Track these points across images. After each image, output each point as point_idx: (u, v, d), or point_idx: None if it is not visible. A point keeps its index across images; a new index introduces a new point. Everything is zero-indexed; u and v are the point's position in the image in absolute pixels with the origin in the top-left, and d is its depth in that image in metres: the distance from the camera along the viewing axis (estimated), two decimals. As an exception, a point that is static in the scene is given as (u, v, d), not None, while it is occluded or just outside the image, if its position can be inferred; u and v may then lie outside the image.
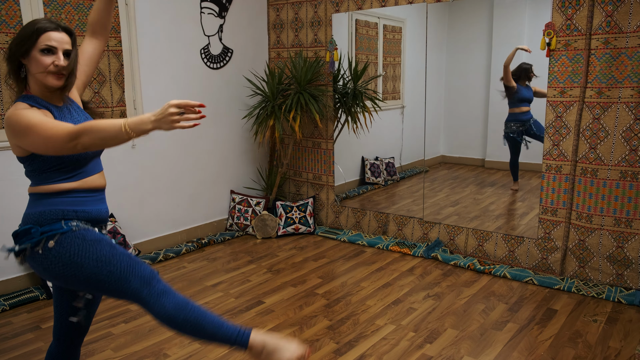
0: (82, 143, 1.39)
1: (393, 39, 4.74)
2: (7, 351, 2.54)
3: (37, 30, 1.51)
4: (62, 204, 1.56)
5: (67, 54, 1.56)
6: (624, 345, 2.51)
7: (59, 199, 1.56)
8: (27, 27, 1.53)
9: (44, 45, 1.51)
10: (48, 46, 1.51)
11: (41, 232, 1.52)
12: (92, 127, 1.38)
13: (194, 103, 1.37)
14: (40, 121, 1.43)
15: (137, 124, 1.36)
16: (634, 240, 3.05)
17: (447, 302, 3.03)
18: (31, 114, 1.45)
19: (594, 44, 3.04)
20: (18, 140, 1.48)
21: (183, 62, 3.99)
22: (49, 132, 1.40)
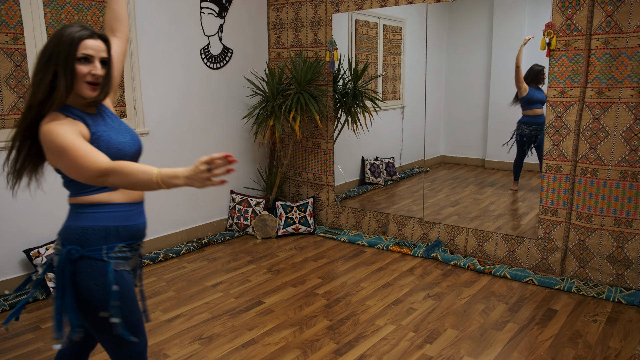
0: (109, 182, 1.37)
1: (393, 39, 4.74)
2: (7, 351, 2.54)
3: (75, 39, 1.44)
4: (104, 219, 1.51)
5: (103, 62, 1.50)
6: (624, 346, 2.51)
7: (101, 213, 1.51)
8: (61, 34, 1.45)
9: (81, 54, 1.44)
10: (85, 55, 1.45)
11: (81, 255, 1.47)
12: (124, 170, 1.34)
13: (217, 156, 1.30)
14: (74, 146, 1.38)
15: (170, 177, 1.33)
16: (634, 241, 3.05)
17: (447, 302, 3.03)
18: (65, 131, 1.39)
19: (594, 44, 3.04)
20: (51, 156, 1.45)
21: (183, 62, 3.99)
22: (81, 162, 1.37)
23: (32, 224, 3.24)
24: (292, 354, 2.49)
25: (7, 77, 3.07)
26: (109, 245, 1.50)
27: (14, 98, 3.10)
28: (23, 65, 3.12)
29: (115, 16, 1.75)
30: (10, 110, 3.10)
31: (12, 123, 3.11)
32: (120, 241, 1.53)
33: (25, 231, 3.20)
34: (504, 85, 4.18)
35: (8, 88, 3.08)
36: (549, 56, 3.20)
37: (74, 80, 1.45)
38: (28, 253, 3.13)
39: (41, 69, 1.43)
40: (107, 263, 1.49)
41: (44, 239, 3.28)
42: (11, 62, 3.07)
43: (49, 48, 1.44)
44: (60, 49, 1.43)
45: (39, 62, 1.44)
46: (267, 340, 2.62)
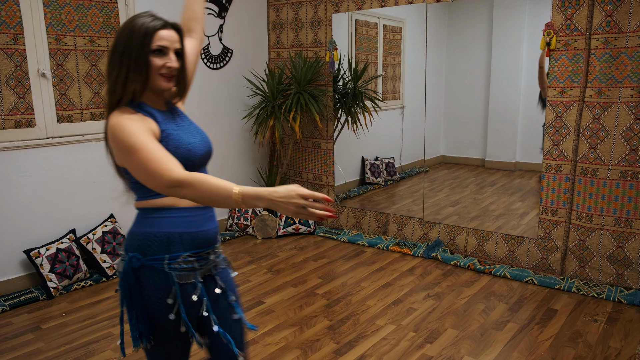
0: (181, 194, 1.25)
1: (393, 39, 4.74)
2: (7, 351, 2.54)
3: (149, 29, 1.34)
4: (167, 226, 1.37)
5: (177, 53, 1.40)
6: (624, 345, 2.51)
7: (166, 218, 1.38)
8: (133, 25, 1.35)
9: (155, 46, 1.34)
10: (160, 46, 1.35)
11: (142, 265, 1.36)
12: (201, 184, 1.22)
13: (320, 196, 1.20)
14: (146, 147, 1.26)
15: (252, 197, 1.20)
16: (634, 240, 3.05)
17: (447, 302, 3.03)
18: (135, 128, 1.28)
19: (594, 43, 3.04)
20: (118, 154, 1.33)
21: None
22: (152, 167, 1.25)
23: (32, 224, 3.24)
24: (292, 354, 2.49)
25: (7, 77, 3.07)
26: (172, 255, 1.36)
27: (14, 98, 3.10)
28: (23, 66, 3.12)
29: (194, 16, 1.70)
30: (10, 111, 3.10)
31: (13, 123, 3.11)
32: (185, 250, 1.38)
33: (25, 231, 3.20)
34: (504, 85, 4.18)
35: (8, 88, 3.08)
36: (549, 56, 3.20)
37: (148, 74, 1.35)
38: (28, 253, 3.13)
39: (115, 64, 1.34)
40: (168, 274, 1.35)
41: (44, 239, 3.28)
42: (11, 63, 3.07)
43: (121, 41, 1.34)
44: (134, 41, 1.33)
45: (113, 57, 1.35)
46: (268, 340, 2.62)
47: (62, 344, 2.60)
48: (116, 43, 1.35)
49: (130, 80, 1.33)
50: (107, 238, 3.45)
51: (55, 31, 3.25)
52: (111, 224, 3.54)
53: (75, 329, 2.76)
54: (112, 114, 1.33)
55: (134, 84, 1.34)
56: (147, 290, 1.36)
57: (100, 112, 3.53)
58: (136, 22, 1.35)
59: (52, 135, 3.29)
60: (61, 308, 3.02)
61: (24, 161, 3.16)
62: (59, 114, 3.32)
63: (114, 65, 1.34)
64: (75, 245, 3.33)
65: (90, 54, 3.44)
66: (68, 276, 3.21)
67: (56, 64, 3.28)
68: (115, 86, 1.35)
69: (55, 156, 3.30)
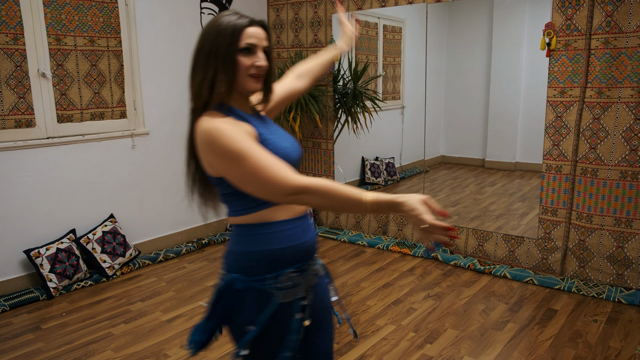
0: (304, 200, 1.16)
1: (393, 39, 4.74)
2: (7, 351, 2.54)
3: (237, 27, 1.25)
4: (270, 242, 1.27)
5: (265, 52, 1.33)
6: (624, 346, 2.51)
7: (267, 234, 1.27)
8: (218, 24, 1.26)
9: (244, 44, 1.25)
10: (248, 44, 1.26)
11: (247, 287, 1.26)
12: (326, 191, 1.14)
13: (443, 226, 1.09)
14: (255, 154, 1.15)
15: (386, 207, 1.13)
16: (634, 240, 3.05)
17: (447, 302, 3.03)
18: (237, 133, 1.17)
19: (594, 44, 3.04)
20: (217, 163, 1.20)
21: (183, 62, 3.99)
22: (266, 174, 1.14)
23: (32, 224, 3.24)
24: (292, 354, 2.48)
25: (7, 77, 3.07)
26: (276, 274, 1.26)
27: (14, 98, 3.10)
28: (23, 66, 3.12)
29: (314, 71, 1.62)
30: (10, 111, 3.10)
31: (13, 123, 3.11)
32: (289, 266, 1.28)
33: (25, 231, 3.20)
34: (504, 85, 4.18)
35: (8, 88, 3.08)
36: (549, 56, 3.20)
37: (236, 74, 1.25)
38: (28, 253, 3.13)
39: (202, 66, 1.24)
40: (271, 295, 1.26)
41: (44, 239, 3.28)
42: (11, 63, 3.07)
43: (207, 42, 1.25)
44: (220, 40, 1.23)
45: (198, 59, 1.26)
46: (268, 341, 2.62)
47: (62, 344, 2.60)
48: (201, 44, 1.26)
49: (217, 82, 1.24)
50: (107, 238, 3.45)
51: (56, 31, 3.25)
52: (111, 224, 3.54)
53: (75, 329, 2.76)
54: (202, 119, 1.21)
55: (221, 86, 1.24)
56: (248, 311, 1.26)
57: (100, 112, 3.53)
58: (222, 20, 1.26)
59: (52, 135, 3.29)
60: (61, 308, 3.02)
61: (24, 161, 3.16)
62: (59, 114, 3.32)
63: (199, 68, 1.25)
64: (75, 245, 3.33)
65: (90, 54, 3.44)
66: (68, 276, 3.21)
67: (56, 64, 3.28)
68: (200, 89, 1.25)
69: (55, 156, 3.30)
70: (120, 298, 3.15)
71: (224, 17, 1.27)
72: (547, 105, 3.27)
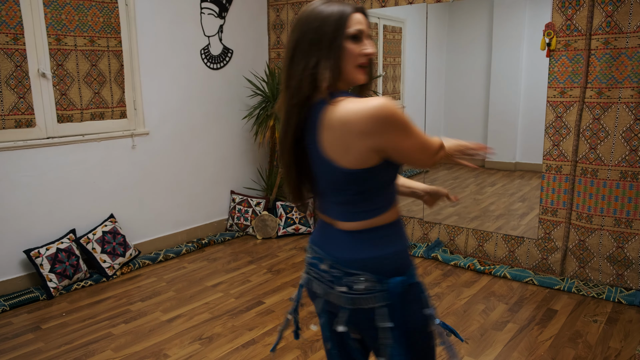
0: (440, 157, 1.26)
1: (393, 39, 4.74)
2: (7, 351, 2.54)
3: (344, 13, 1.17)
4: (402, 238, 1.27)
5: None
6: (624, 346, 2.51)
7: (397, 231, 1.26)
8: (319, 12, 1.17)
9: (353, 30, 1.17)
10: (357, 30, 1.17)
11: (409, 284, 1.21)
12: (444, 142, 1.31)
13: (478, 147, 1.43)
14: (412, 122, 1.16)
15: (453, 150, 1.41)
16: (634, 241, 3.05)
17: (447, 303, 3.03)
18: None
19: (594, 44, 3.04)
20: (390, 138, 1.12)
21: (183, 62, 3.99)
22: (424, 138, 1.19)
23: (32, 224, 3.24)
24: (292, 354, 2.49)
25: (7, 77, 3.07)
26: (413, 266, 1.27)
27: (14, 98, 3.10)
28: (23, 66, 3.12)
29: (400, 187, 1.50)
30: (10, 111, 3.10)
31: (13, 123, 3.11)
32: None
33: (25, 231, 3.21)
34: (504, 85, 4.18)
35: (8, 88, 3.08)
36: (549, 56, 3.20)
37: (342, 63, 1.17)
38: (28, 253, 3.13)
39: (303, 56, 1.16)
40: (419, 282, 1.25)
41: (44, 239, 3.28)
42: (11, 62, 3.07)
43: (310, 30, 1.16)
44: (327, 27, 1.15)
45: (297, 50, 1.17)
46: (267, 341, 2.62)
47: (62, 344, 2.60)
48: (302, 33, 1.17)
49: (320, 72, 1.15)
50: (107, 238, 3.45)
51: (56, 31, 3.25)
52: (111, 224, 3.54)
53: (75, 329, 2.76)
54: (341, 105, 1.13)
55: (325, 76, 1.15)
56: (417, 311, 1.22)
57: (100, 112, 3.53)
58: (323, 8, 1.17)
59: (52, 135, 3.29)
60: (61, 308, 3.02)
61: (24, 161, 3.16)
62: (59, 114, 3.32)
63: (299, 58, 1.16)
64: (75, 245, 3.33)
65: (90, 54, 3.44)
66: (68, 276, 3.21)
67: (56, 64, 3.28)
68: (301, 82, 1.16)
69: (55, 156, 3.30)
70: (120, 298, 3.15)
71: (322, 5, 1.19)
72: (547, 105, 3.27)
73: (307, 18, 1.18)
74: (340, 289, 1.22)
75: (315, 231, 1.34)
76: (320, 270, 1.27)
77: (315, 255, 1.29)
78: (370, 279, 1.19)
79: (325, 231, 1.29)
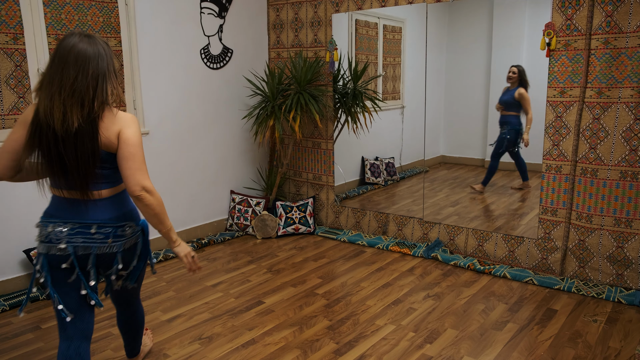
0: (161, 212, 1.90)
1: (393, 39, 4.74)
2: (7, 351, 2.54)
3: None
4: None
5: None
6: (624, 346, 2.51)
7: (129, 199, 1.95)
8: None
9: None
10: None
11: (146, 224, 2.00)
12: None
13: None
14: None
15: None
16: (634, 241, 3.05)
17: (447, 302, 3.03)
18: None
19: (594, 44, 3.04)
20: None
21: (183, 62, 3.99)
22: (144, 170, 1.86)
23: (32, 224, 3.23)
24: (292, 354, 2.49)
25: (7, 77, 3.07)
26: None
27: (14, 98, 3.10)
28: (23, 65, 3.12)
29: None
30: (10, 110, 3.10)
31: (13, 123, 3.11)
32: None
33: (25, 231, 3.20)
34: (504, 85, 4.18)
35: (8, 88, 3.08)
36: (549, 56, 3.20)
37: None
38: (28, 253, 3.13)
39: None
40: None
41: (44, 239, 3.28)
42: (11, 62, 3.07)
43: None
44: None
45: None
46: (267, 340, 2.62)
47: (62, 344, 2.60)
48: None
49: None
50: (107, 238, 3.45)
51: (55, 31, 3.25)
52: (111, 223, 3.53)
53: (75, 329, 2.76)
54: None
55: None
56: (146, 238, 2.03)
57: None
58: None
59: (52, 135, 3.28)
60: (61, 308, 3.02)
61: (24, 161, 3.16)
62: (59, 114, 3.31)
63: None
64: (75, 245, 3.32)
65: (90, 54, 3.43)
66: (68, 276, 3.21)
67: (56, 64, 3.28)
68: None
69: (55, 156, 3.30)
70: (120, 298, 3.15)
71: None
72: (547, 105, 3.27)
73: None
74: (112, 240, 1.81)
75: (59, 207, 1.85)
76: (90, 234, 1.78)
77: (77, 225, 1.77)
78: (132, 225, 1.88)
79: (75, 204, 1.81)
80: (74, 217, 1.77)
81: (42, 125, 1.66)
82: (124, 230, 1.82)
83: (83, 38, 1.71)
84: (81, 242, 1.75)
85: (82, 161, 1.69)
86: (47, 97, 1.64)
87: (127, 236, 1.83)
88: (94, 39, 1.74)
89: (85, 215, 1.77)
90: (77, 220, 1.76)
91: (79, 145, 1.67)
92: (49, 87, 1.65)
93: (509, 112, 4.15)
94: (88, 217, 1.77)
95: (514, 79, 4.04)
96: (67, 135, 1.66)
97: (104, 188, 1.79)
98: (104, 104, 1.72)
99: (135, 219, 1.88)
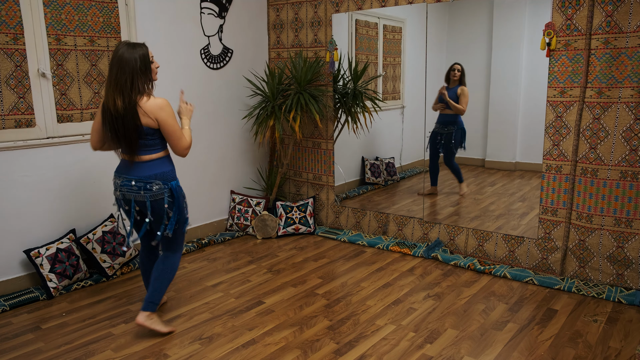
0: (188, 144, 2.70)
1: (393, 39, 4.73)
2: (7, 351, 2.54)
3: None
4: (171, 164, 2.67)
5: None
6: (624, 346, 2.51)
7: (168, 162, 2.66)
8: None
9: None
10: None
11: (177, 185, 2.61)
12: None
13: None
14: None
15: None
16: (634, 240, 3.05)
17: (447, 302, 3.03)
18: None
19: (594, 44, 3.04)
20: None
21: (183, 62, 3.99)
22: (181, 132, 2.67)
23: (32, 224, 3.24)
24: (292, 354, 2.49)
25: (7, 77, 3.07)
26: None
27: (14, 98, 3.10)
28: (23, 65, 3.12)
29: None
30: (10, 111, 3.10)
31: (13, 123, 3.11)
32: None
33: (25, 231, 3.20)
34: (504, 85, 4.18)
35: (8, 88, 3.08)
36: (549, 56, 3.20)
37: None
38: (28, 253, 3.13)
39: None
40: (181, 187, 2.69)
41: (44, 239, 3.28)
42: (11, 62, 3.07)
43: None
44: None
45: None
46: (268, 340, 2.62)
47: (62, 344, 2.60)
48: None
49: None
50: (107, 238, 3.45)
51: (55, 31, 3.25)
52: (111, 224, 3.54)
53: (75, 329, 2.76)
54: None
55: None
56: (181, 199, 2.64)
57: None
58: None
59: (52, 135, 3.29)
60: (61, 308, 3.02)
61: (24, 161, 3.16)
62: (59, 114, 3.32)
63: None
64: (75, 245, 3.33)
65: (90, 54, 3.44)
66: (68, 276, 3.21)
67: (56, 64, 3.28)
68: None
69: (55, 156, 3.30)
70: (120, 298, 3.15)
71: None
72: (547, 105, 3.27)
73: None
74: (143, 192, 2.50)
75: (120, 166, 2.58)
76: (130, 186, 2.51)
77: (125, 179, 2.52)
78: (159, 184, 2.51)
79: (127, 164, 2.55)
80: (124, 173, 2.52)
81: (106, 110, 2.41)
82: (152, 186, 2.48)
83: (127, 47, 2.38)
84: (126, 191, 2.52)
85: (128, 133, 2.40)
86: (106, 90, 2.39)
87: (154, 191, 2.49)
88: (134, 47, 2.38)
89: (130, 172, 2.50)
90: (125, 175, 2.51)
91: (125, 123, 2.38)
92: (107, 83, 2.40)
93: (451, 110, 4.22)
94: (131, 173, 2.50)
95: (458, 77, 4.12)
96: (118, 116, 2.37)
97: (143, 154, 2.50)
98: (141, 93, 2.40)
99: (164, 179, 2.51)
